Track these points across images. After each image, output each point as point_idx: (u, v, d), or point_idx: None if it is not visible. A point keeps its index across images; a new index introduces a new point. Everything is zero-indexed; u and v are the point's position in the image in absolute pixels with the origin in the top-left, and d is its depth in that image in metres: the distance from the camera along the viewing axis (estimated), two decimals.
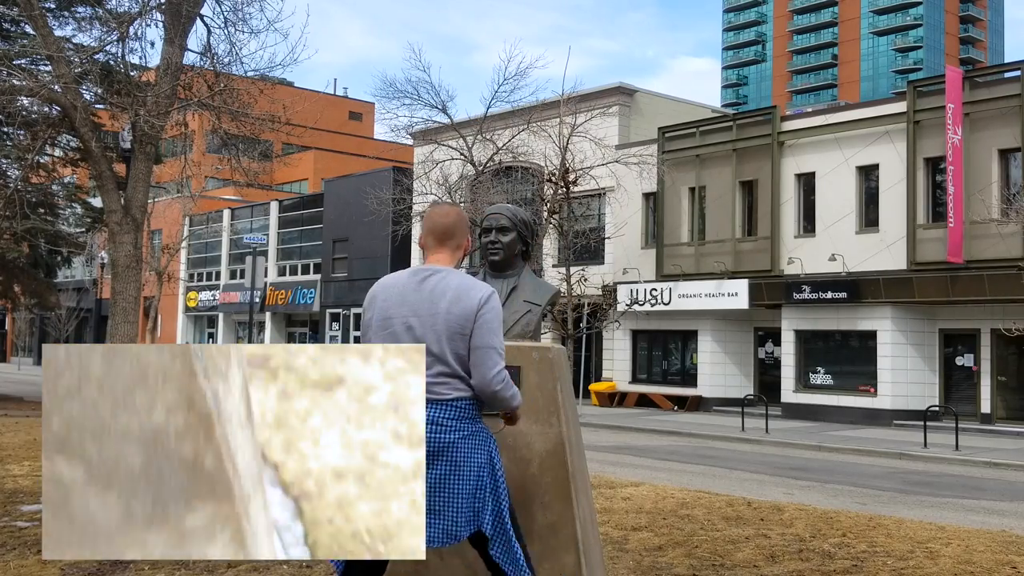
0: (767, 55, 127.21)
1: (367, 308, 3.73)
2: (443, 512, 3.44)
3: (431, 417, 3.47)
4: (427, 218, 3.83)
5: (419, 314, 3.58)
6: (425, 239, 3.82)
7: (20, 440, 13.24)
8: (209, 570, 5.57)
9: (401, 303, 3.62)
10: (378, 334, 3.62)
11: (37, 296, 28.90)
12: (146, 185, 18.08)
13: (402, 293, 3.63)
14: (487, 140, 27.43)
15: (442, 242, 3.81)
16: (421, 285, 3.64)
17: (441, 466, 3.45)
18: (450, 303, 3.56)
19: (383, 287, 3.71)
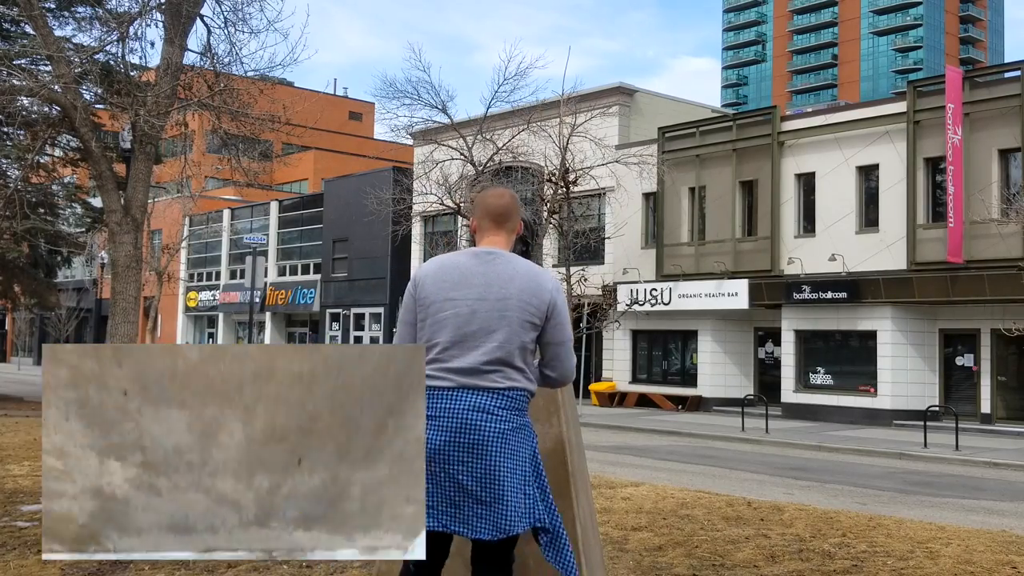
0: (767, 55, 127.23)
1: (416, 287, 3.56)
2: (493, 504, 3.36)
3: (480, 404, 3.39)
4: (481, 200, 3.76)
5: (486, 297, 3.47)
6: (480, 221, 3.71)
7: (20, 440, 13.24)
8: (209, 570, 5.57)
9: (464, 284, 3.50)
10: (435, 316, 3.48)
11: (37, 296, 28.90)
12: (146, 185, 18.08)
13: (464, 275, 3.51)
14: (487, 140, 27.42)
15: (499, 224, 3.70)
16: (487, 268, 3.52)
17: (491, 456, 3.36)
18: (520, 290, 3.49)
19: (440, 267, 3.56)
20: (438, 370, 3.43)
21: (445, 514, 3.36)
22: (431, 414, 3.38)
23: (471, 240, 4.03)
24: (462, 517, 3.35)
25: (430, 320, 3.49)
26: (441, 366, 3.43)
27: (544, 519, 3.43)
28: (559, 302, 3.54)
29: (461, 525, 3.36)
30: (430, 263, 3.61)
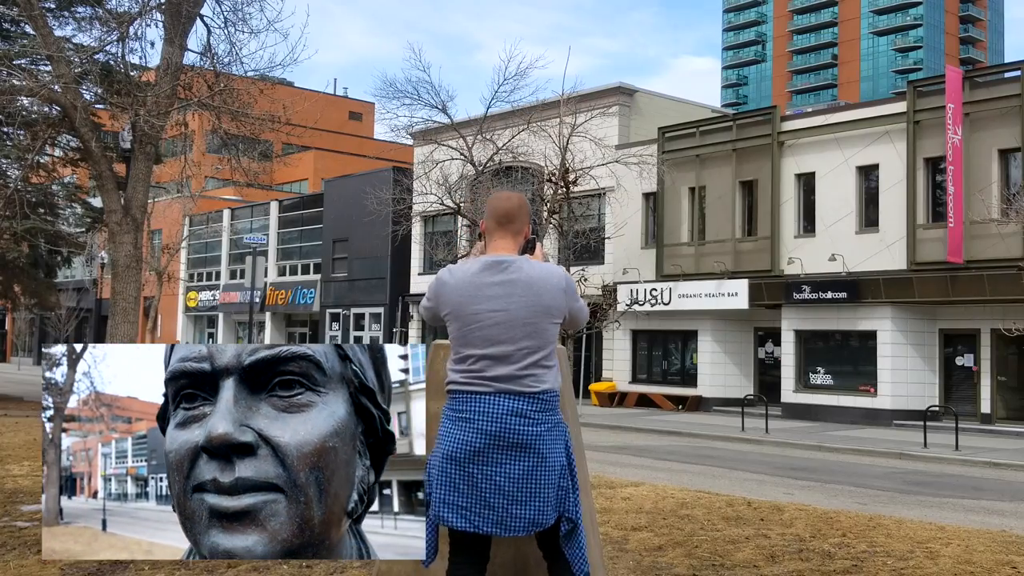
0: (767, 55, 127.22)
1: (435, 301, 3.67)
2: (530, 502, 3.48)
3: (518, 409, 3.50)
4: (489, 203, 3.85)
5: (507, 308, 3.56)
6: (487, 223, 3.80)
7: (20, 440, 13.24)
8: (209, 570, 5.56)
9: (481, 297, 3.58)
10: (462, 330, 3.57)
11: (37, 296, 28.90)
12: (146, 185, 18.09)
13: (478, 287, 3.60)
14: (487, 140, 27.42)
15: (504, 226, 3.77)
16: (499, 277, 3.61)
17: (529, 458, 3.48)
18: (538, 295, 3.60)
19: (456, 281, 3.64)
20: (475, 378, 3.55)
21: (478, 515, 3.45)
22: (470, 417, 3.50)
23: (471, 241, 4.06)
24: (495, 518, 3.45)
25: (457, 333, 3.59)
26: (478, 375, 3.54)
27: (571, 510, 3.56)
28: (570, 286, 3.69)
29: (494, 526, 3.45)
30: (447, 273, 3.68)
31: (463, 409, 3.51)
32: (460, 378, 3.55)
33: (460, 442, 3.47)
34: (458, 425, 3.49)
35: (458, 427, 3.49)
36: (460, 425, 3.49)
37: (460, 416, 3.50)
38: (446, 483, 3.46)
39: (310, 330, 43.29)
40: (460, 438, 3.48)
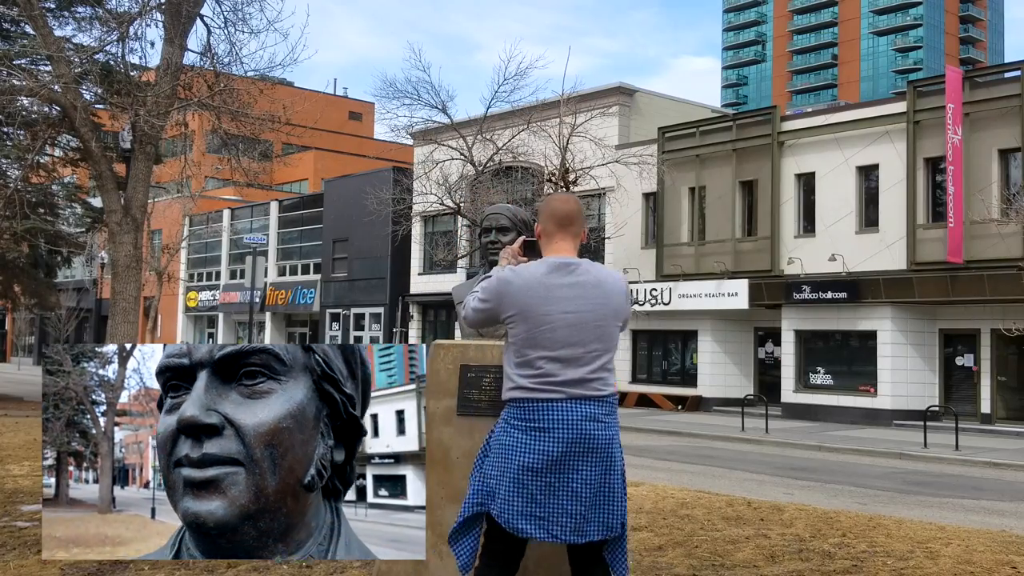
0: (767, 55, 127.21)
1: (496, 302, 3.60)
2: (604, 507, 3.48)
3: (592, 414, 3.49)
4: (547, 205, 3.80)
5: (578, 310, 3.55)
6: (545, 226, 3.75)
7: (20, 440, 13.24)
8: (209, 570, 5.56)
9: (552, 299, 3.55)
10: (532, 332, 3.52)
11: (37, 296, 28.90)
12: (146, 185, 18.10)
13: (548, 288, 3.56)
14: (487, 140, 27.43)
15: (565, 228, 3.74)
16: (568, 279, 3.58)
17: (602, 463, 3.49)
18: (606, 298, 3.59)
19: (523, 281, 3.58)
20: (546, 384, 3.50)
21: (556, 524, 3.45)
22: (545, 426, 3.47)
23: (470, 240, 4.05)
24: (573, 526, 3.46)
25: (525, 335, 3.54)
26: (549, 380, 3.50)
27: (625, 514, 3.60)
28: (628, 289, 3.75)
29: (572, 534, 3.46)
30: (510, 274, 3.62)
31: (536, 418, 3.47)
32: (529, 384, 3.50)
33: (537, 452, 3.44)
34: (531, 435, 3.46)
35: (532, 437, 3.45)
36: (534, 435, 3.46)
37: (533, 425, 3.47)
38: (522, 494, 3.43)
39: (310, 330, 43.28)
40: (537, 448, 3.44)
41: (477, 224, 10.81)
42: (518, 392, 3.52)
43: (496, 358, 4.32)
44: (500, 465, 3.49)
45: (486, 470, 3.54)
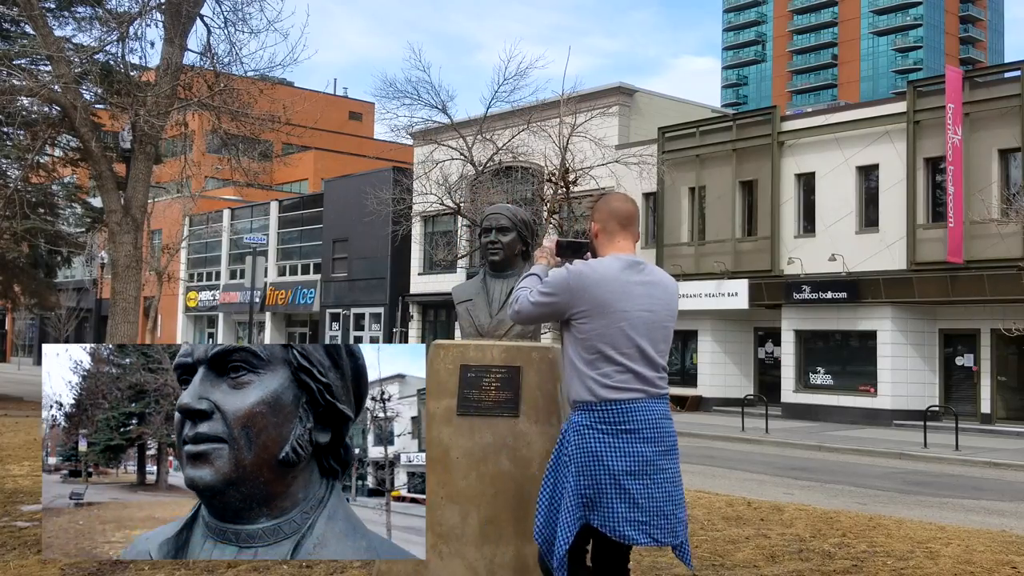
0: (767, 55, 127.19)
1: (567, 295, 3.58)
2: (682, 503, 3.54)
3: (664, 412, 3.55)
4: (605, 205, 3.82)
5: (651, 309, 3.58)
6: (606, 225, 3.77)
7: (20, 440, 13.24)
8: (209, 570, 5.56)
9: (628, 296, 3.56)
10: (608, 328, 3.51)
11: (37, 296, 28.89)
12: (146, 185, 18.10)
13: (624, 285, 3.57)
14: (487, 140, 27.43)
15: (626, 228, 3.78)
16: (640, 278, 3.61)
17: (676, 460, 3.56)
18: (669, 299, 3.66)
19: (599, 276, 3.58)
20: (627, 382, 3.49)
21: (656, 527, 3.43)
22: (634, 427, 3.45)
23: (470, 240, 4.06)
24: (668, 526, 3.46)
25: (601, 330, 3.51)
26: (628, 377, 3.49)
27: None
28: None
29: (667, 534, 3.46)
30: (585, 270, 3.61)
31: (624, 420, 3.45)
32: (612, 383, 3.47)
33: (632, 455, 3.42)
34: (621, 438, 3.42)
35: (623, 440, 3.42)
36: (625, 438, 3.43)
37: (622, 428, 3.44)
38: (624, 500, 3.39)
39: (310, 330, 43.28)
40: (631, 451, 3.42)
41: (477, 224, 10.81)
42: (607, 392, 3.47)
43: (496, 358, 4.32)
44: (593, 473, 3.41)
45: (579, 480, 3.43)
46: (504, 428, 4.25)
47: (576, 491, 3.41)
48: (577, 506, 3.41)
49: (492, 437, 4.25)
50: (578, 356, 3.54)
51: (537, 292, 3.66)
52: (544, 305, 3.63)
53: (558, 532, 3.41)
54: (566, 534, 3.39)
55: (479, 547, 4.18)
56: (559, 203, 26.00)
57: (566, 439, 3.51)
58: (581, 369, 3.52)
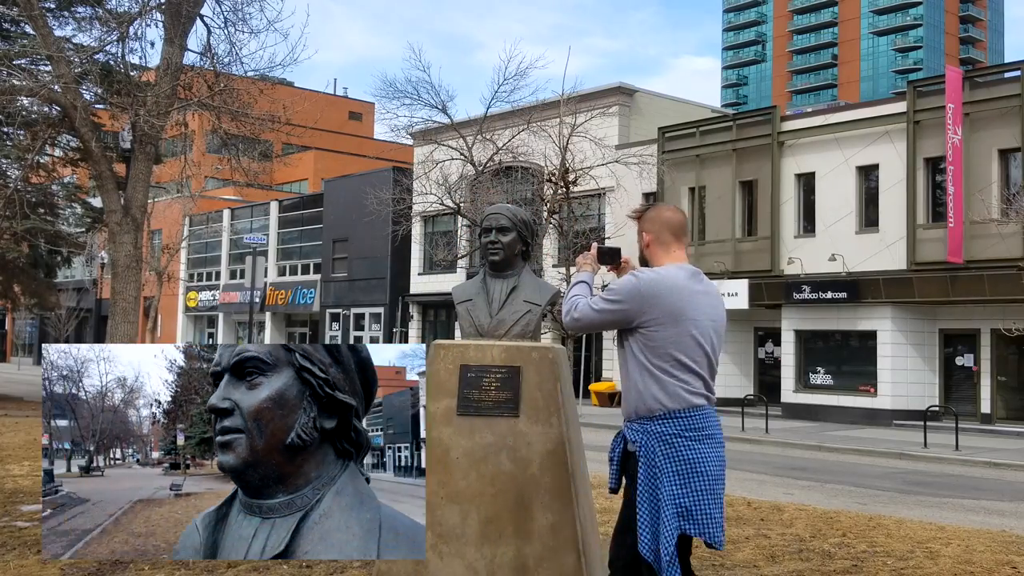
0: (767, 55, 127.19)
1: (637, 302, 3.61)
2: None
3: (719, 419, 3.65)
4: (657, 216, 3.88)
5: (714, 319, 3.68)
6: (659, 235, 3.82)
7: (20, 440, 13.24)
8: (209, 570, 5.57)
9: (696, 305, 3.63)
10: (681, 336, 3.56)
11: (37, 296, 28.89)
12: (146, 185, 18.10)
13: (692, 294, 3.64)
14: (487, 140, 27.43)
15: (680, 238, 3.85)
16: (702, 287, 3.70)
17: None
18: (722, 311, 3.77)
19: (671, 284, 3.64)
20: (702, 388, 3.57)
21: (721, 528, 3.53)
22: (712, 433, 3.56)
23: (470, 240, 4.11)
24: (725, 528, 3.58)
25: (673, 338, 3.56)
26: (701, 384, 3.57)
27: None
28: None
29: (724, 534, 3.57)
30: (654, 277, 3.67)
31: (704, 426, 3.53)
32: (692, 390, 3.54)
33: (717, 461, 3.53)
34: (707, 444, 3.51)
35: (708, 446, 3.51)
36: (709, 444, 3.52)
37: (706, 434, 3.52)
38: (718, 506, 3.50)
39: (310, 330, 43.28)
40: (715, 457, 3.52)
41: (477, 224, 10.81)
42: (694, 399, 3.54)
43: (496, 358, 4.32)
44: (689, 482, 3.46)
45: (674, 491, 3.46)
46: (504, 428, 4.25)
47: (672, 501, 3.44)
48: (674, 516, 3.44)
49: (492, 437, 4.25)
50: (651, 364, 3.57)
51: (601, 299, 3.70)
52: (611, 312, 3.66)
53: (661, 547, 3.45)
54: (668, 548, 3.44)
55: (479, 547, 4.18)
56: (559, 203, 25.99)
57: (651, 450, 3.52)
58: (661, 377, 3.55)
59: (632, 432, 3.62)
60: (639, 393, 3.59)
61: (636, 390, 3.61)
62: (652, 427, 3.53)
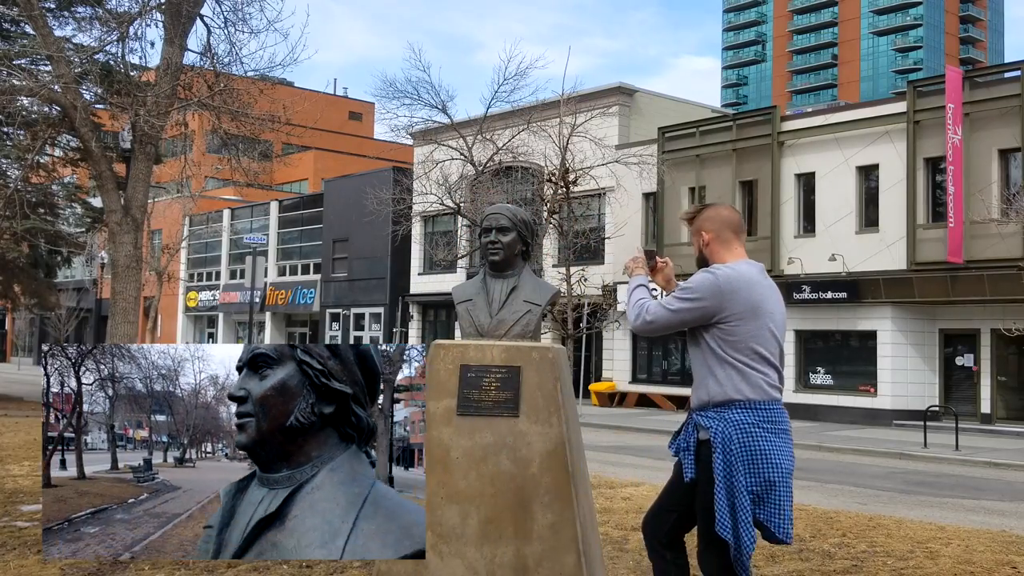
0: (767, 55, 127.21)
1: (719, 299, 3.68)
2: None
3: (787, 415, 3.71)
4: (716, 215, 3.98)
5: (782, 312, 3.80)
6: (720, 233, 3.91)
7: (20, 440, 13.24)
8: (209, 570, 5.57)
9: (768, 300, 3.73)
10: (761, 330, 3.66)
11: (37, 296, 28.89)
12: (146, 185, 18.10)
13: (765, 290, 3.74)
14: (487, 140, 27.42)
15: (739, 236, 3.95)
16: (769, 282, 3.81)
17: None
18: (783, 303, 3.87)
19: (749, 279, 3.74)
20: (777, 382, 3.67)
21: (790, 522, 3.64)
22: (786, 427, 3.65)
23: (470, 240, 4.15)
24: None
25: (754, 332, 3.65)
26: (777, 378, 3.67)
27: None
28: None
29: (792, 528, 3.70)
30: (731, 274, 3.73)
31: (779, 420, 3.62)
32: (771, 382, 3.64)
33: (789, 456, 3.62)
34: (782, 438, 3.60)
35: (783, 440, 3.60)
36: (784, 438, 3.60)
37: (780, 428, 3.61)
38: (790, 500, 3.58)
39: (310, 330, 43.29)
40: (788, 452, 3.61)
41: (477, 224, 10.81)
42: (773, 392, 3.63)
43: (496, 358, 4.32)
44: (763, 471, 3.53)
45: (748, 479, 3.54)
46: (504, 428, 4.25)
47: (747, 488, 3.54)
48: (749, 502, 3.55)
49: (492, 437, 4.25)
50: (731, 357, 3.63)
51: (676, 299, 3.76)
52: (689, 311, 3.71)
53: (741, 534, 3.56)
54: (749, 534, 3.56)
55: (479, 547, 4.18)
56: (559, 203, 25.99)
57: (728, 437, 3.58)
58: (743, 369, 3.62)
59: (707, 420, 3.68)
60: (719, 384, 3.65)
61: (715, 381, 3.67)
62: (729, 415, 3.60)
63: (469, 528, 4.20)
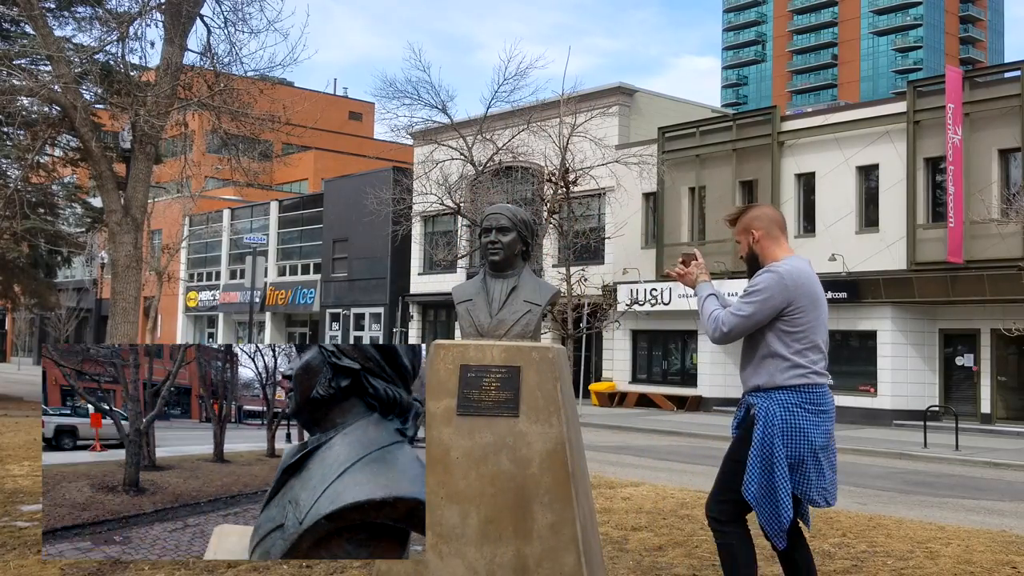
0: (767, 55, 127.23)
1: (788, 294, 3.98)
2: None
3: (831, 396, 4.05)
4: (762, 213, 4.30)
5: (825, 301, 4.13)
6: (770, 230, 4.22)
7: (20, 440, 13.24)
8: (209, 570, 5.57)
9: (819, 292, 4.07)
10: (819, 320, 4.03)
11: (37, 296, 28.89)
12: (146, 185, 18.11)
13: (816, 283, 4.06)
14: (487, 140, 27.42)
15: (784, 232, 4.28)
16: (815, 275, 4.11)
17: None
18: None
19: (807, 273, 4.08)
20: (824, 368, 4.03)
21: (830, 493, 4.01)
22: (827, 408, 4.01)
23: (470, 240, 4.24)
24: (833, 492, 4.05)
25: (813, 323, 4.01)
26: (824, 364, 4.03)
27: None
28: None
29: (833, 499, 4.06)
30: (793, 268, 4.07)
31: (821, 402, 3.96)
32: (818, 369, 3.99)
33: (826, 433, 3.95)
34: (820, 417, 3.95)
35: (820, 419, 3.95)
36: (822, 417, 3.95)
37: (821, 408, 3.96)
38: (818, 471, 3.91)
39: (310, 330, 43.28)
40: (825, 429, 3.95)
41: (477, 224, 10.81)
42: (816, 378, 3.96)
43: (496, 358, 4.33)
44: (798, 444, 3.90)
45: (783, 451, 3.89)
46: (504, 428, 4.25)
47: (784, 458, 3.89)
48: (787, 470, 3.89)
49: (492, 437, 4.25)
50: (787, 347, 3.97)
51: (743, 303, 4.08)
52: (760, 312, 4.01)
53: (780, 501, 3.89)
54: (787, 501, 3.89)
55: (479, 547, 4.18)
56: (559, 203, 25.99)
57: (772, 413, 3.94)
58: (793, 359, 3.96)
59: (757, 399, 4.04)
60: (773, 371, 3.99)
61: (770, 368, 4.01)
62: (777, 395, 3.97)
63: (469, 528, 4.20)
